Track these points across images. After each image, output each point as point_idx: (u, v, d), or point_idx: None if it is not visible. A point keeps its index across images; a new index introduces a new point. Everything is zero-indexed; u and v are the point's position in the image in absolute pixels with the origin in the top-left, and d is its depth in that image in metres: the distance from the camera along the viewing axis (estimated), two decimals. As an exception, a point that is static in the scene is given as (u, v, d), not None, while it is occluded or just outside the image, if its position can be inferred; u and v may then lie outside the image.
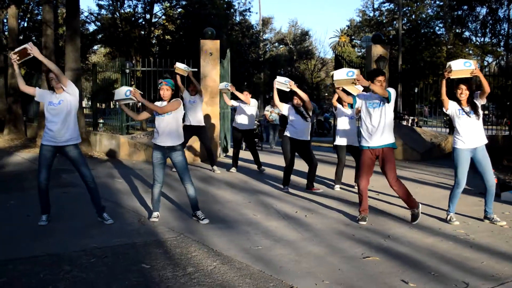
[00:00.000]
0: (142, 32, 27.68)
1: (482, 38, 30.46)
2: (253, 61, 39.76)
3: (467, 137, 5.86)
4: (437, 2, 34.71)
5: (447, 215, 6.07)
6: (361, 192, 6.08)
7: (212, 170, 9.79)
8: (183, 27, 27.22)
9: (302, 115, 7.95)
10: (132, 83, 20.04)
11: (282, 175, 8.29)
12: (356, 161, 8.36)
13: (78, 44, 12.72)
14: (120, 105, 6.05)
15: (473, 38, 31.63)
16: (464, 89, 5.83)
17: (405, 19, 34.50)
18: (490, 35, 26.27)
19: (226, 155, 12.81)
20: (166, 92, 5.86)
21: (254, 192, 7.91)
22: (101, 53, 40.90)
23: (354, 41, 54.70)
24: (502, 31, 25.49)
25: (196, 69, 9.46)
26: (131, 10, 28.03)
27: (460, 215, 6.24)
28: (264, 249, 4.91)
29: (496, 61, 33.10)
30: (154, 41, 29.83)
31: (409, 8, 34.66)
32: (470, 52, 35.23)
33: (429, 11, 35.51)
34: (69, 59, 12.43)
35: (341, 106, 8.22)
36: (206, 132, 9.91)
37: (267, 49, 50.84)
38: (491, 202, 6.05)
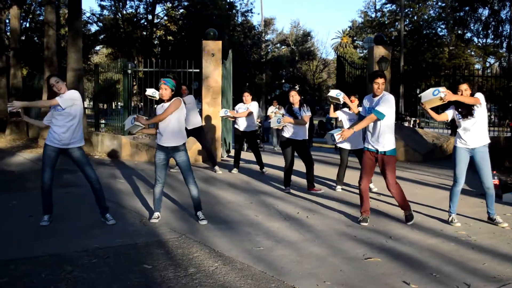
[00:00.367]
0: (144, 33, 27.72)
1: (484, 40, 30.45)
2: (255, 62, 39.79)
3: (465, 137, 5.89)
4: (439, 3, 34.75)
5: (449, 216, 6.07)
6: (362, 193, 6.09)
7: (214, 171, 9.80)
8: (185, 28, 27.25)
9: (294, 116, 7.95)
10: (134, 84, 20.07)
11: (282, 176, 8.30)
12: (361, 163, 8.37)
13: (80, 45, 12.74)
14: (142, 132, 6.19)
15: (475, 40, 31.62)
16: (464, 90, 5.81)
17: (407, 20, 34.55)
18: (492, 37, 26.24)
19: (229, 155, 12.82)
20: (165, 92, 5.84)
21: (256, 193, 7.91)
22: (103, 54, 40.95)
23: (356, 42, 54.78)
24: (505, 32, 25.46)
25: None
26: (133, 11, 28.10)
27: (462, 216, 6.24)
28: (266, 250, 4.91)
29: (498, 63, 33.08)
30: (156, 42, 29.87)
31: (411, 9, 34.70)
32: (472, 53, 35.25)
33: (431, 12, 35.57)
34: (71, 60, 12.45)
35: (347, 110, 8.26)
36: (204, 134, 9.91)
37: (269, 50, 50.90)
38: (492, 204, 6.06)
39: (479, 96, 5.77)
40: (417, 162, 11.83)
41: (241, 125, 9.92)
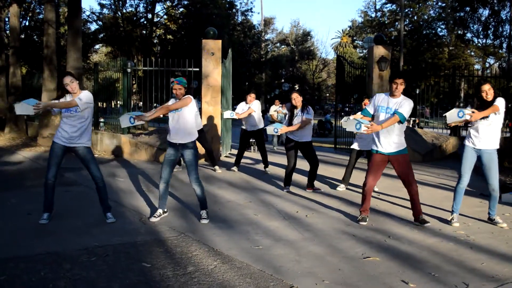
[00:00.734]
0: (144, 32, 27.70)
1: (484, 40, 30.46)
2: (255, 61, 39.80)
3: (476, 138, 5.90)
4: (439, 4, 34.75)
5: (451, 214, 6.08)
6: (366, 193, 6.06)
7: (214, 170, 9.80)
8: (185, 27, 27.24)
9: (290, 118, 7.94)
10: (134, 83, 20.06)
11: (282, 175, 8.30)
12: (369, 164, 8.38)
13: (80, 43, 12.74)
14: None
15: (475, 40, 31.64)
16: (487, 90, 5.77)
17: (407, 20, 34.55)
18: (492, 37, 26.27)
19: (230, 153, 12.82)
20: (178, 91, 5.84)
21: (255, 192, 7.91)
22: (103, 53, 40.97)
23: (356, 42, 54.82)
24: (505, 33, 25.49)
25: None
26: (133, 10, 28.08)
27: (461, 216, 6.24)
28: (265, 249, 4.91)
29: (498, 63, 33.09)
30: (156, 41, 29.84)
31: (411, 9, 34.70)
32: (472, 54, 35.26)
33: (431, 13, 35.56)
34: (71, 58, 12.46)
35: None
36: (205, 135, 9.90)
37: (269, 49, 50.92)
38: (495, 206, 6.08)
39: (500, 103, 5.73)
40: (417, 162, 11.83)
41: (246, 124, 9.95)
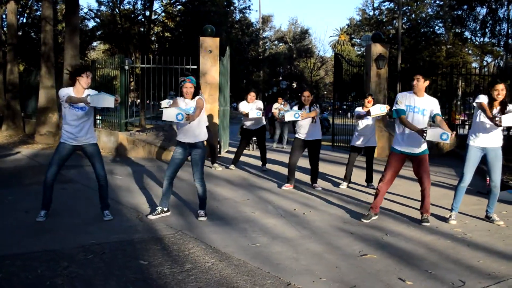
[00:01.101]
0: (142, 29, 27.63)
1: (482, 38, 30.46)
2: (253, 59, 39.74)
3: (481, 136, 5.88)
4: (437, 2, 34.75)
5: (450, 212, 6.10)
6: (381, 192, 6.08)
7: (213, 168, 9.79)
8: (183, 24, 27.17)
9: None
10: (131, 80, 20.01)
11: (282, 173, 8.31)
12: (368, 162, 8.42)
13: (77, 41, 12.72)
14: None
15: (473, 38, 31.64)
16: (501, 90, 5.76)
17: (405, 18, 34.53)
18: (490, 35, 26.29)
19: (228, 151, 12.82)
20: (189, 90, 5.80)
21: (253, 189, 7.91)
22: (100, 50, 40.85)
23: (354, 40, 54.79)
24: (502, 31, 25.50)
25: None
26: (131, 7, 27.99)
27: (458, 214, 6.25)
28: (262, 246, 4.91)
29: (496, 61, 33.12)
30: (154, 38, 29.77)
31: (409, 7, 34.70)
32: (470, 52, 35.27)
33: (429, 11, 35.56)
34: (68, 56, 12.44)
35: (361, 109, 8.32)
36: (210, 131, 9.88)
37: (267, 47, 50.86)
38: (494, 204, 6.09)
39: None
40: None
41: (249, 123, 9.89)
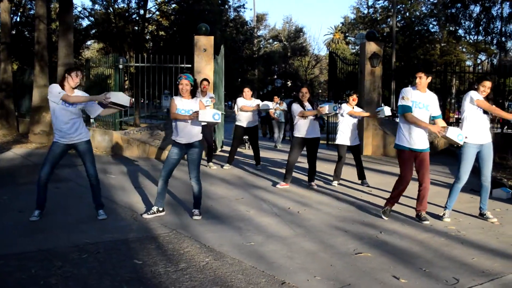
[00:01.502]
0: (136, 28, 27.56)
1: (476, 36, 30.55)
2: (247, 58, 39.73)
3: (477, 134, 5.92)
4: (431, 0, 34.85)
5: (444, 210, 6.12)
6: (403, 188, 6.14)
7: (208, 166, 9.78)
8: (177, 23, 27.12)
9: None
10: (126, 79, 19.97)
11: (277, 171, 8.31)
12: (356, 160, 8.45)
13: (71, 39, 12.67)
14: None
15: (467, 36, 31.73)
16: (488, 87, 5.84)
17: (399, 17, 34.61)
18: (484, 33, 26.36)
19: (223, 150, 12.82)
20: (186, 87, 5.79)
21: (248, 188, 7.91)
22: (95, 49, 40.73)
23: (348, 38, 54.84)
24: (495, 29, 25.58)
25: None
26: (125, 6, 27.91)
27: (452, 211, 6.28)
28: (257, 245, 4.92)
29: (489, 59, 33.24)
30: (148, 37, 29.70)
31: (403, 6, 34.77)
32: (464, 50, 35.39)
33: (423, 9, 35.67)
34: (62, 54, 12.39)
35: (346, 105, 8.34)
36: (209, 128, 9.87)
37: (261, 46, 50.87)
38: (486, 199, 6.13)
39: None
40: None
41: (244, 121, 9.84)
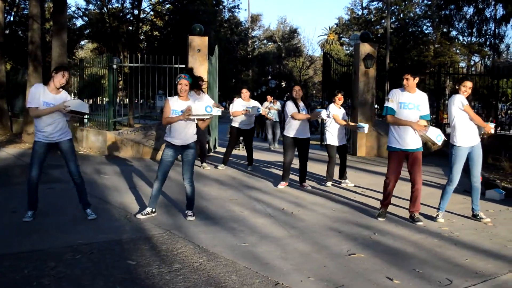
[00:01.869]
0: (130, 28, 27.50)
1: (469, 38, 30.70)
2: (242, 58, 39.75)
3: (468, 136, 5.95)
4: (425, 1, 34.96)
5: (437, 212, 6.14)
6: (389, 190, 6.20)
7: (202, 167, 9.77)
8: (171, 23, 27.09)
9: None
10: (120, 79, 19.92)
11: (271, 172, 8.31)
12: (341, 159, 8.47)
13: (65, 39, 12.63)
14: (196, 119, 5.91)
15: (460, 38, 31.88)
16: (469, 87, 5.90)
17: (393, 18, 34.68)
18: (477, 35, 26.48)
19: (216, 151, 12.81)
20: (184, 87, 5.78)
21: (242, 189, 7.91)
22: (88, 49, 40.58)
23: (343, 39, 54.91)
24: (489, 31, 25.70)
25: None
26: (119, 6, 27.84)
27: (445, 213, 6.30)
28: (251, 246, 4.92)
29: (483, 61, 33.36)
30: (142, 37, 29.64)
31: (397, 7, 34.84)
32: (457, 51, 35.50)
33: (417, 10, 35.75)
34: (56, 54, 12.34)
35: (333, 105, 8.35)
36: (203, 132, 9.84)
37: (256, 46, 50.88)
38: (477, 199, 6.15)
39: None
40: (402, 159, 11.90)
41: (240, 122, 9.81)
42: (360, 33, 14.90)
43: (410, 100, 5.93)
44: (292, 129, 7.96)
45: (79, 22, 30.71)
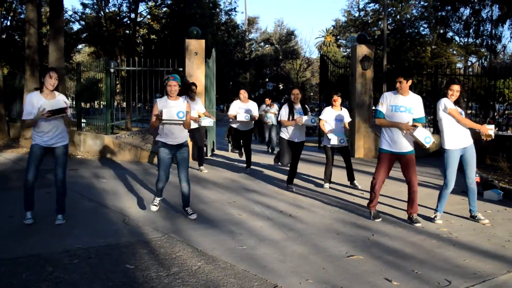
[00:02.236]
0: (127, 31, 27.50)
1: (466, 39, 30.74)
2: (239, 61, 39.70)
3: (458, 138, 5.94)
4: (422, 3, 35.03)
5: (434, 213, 6.14)
6: (376, 191, 6.16)
7: (200, 170, 9.76)
8: (168, 27, 27.07)
9: (293, 114, 7.94)
10: (117, 83, 19.90)
11: (268, 175, 8.30)
12: (345, 161, 8.46)
13: (62, 43, 12.63)
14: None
15: (457, 39, 31.92)
16: (456, 91, 5.88)
17: (390, 19, 34.75)
18: (474, 36, 26.51)
19: (214, 153, 12.80)
20: (174, 88, 5.83)
21: (240, 191, 7.90)
22: (86, 53, 40.58)
23: (340, 41, 55.05)
24: (485, 32, 25.73)
25: None
26: (116, 9, 27.82)
27: (444, 214, 6.29)
28: (249, 249, 4.91)
29: (480, 62, 33.44)
30: (139, 41, 29.64)
31: (394, 9, 34.91)
32: (454, 53, 35.58)
33: (414, 12, 35.81)
34: (53, 59, 12.34)
35: (330, 108, 8.34)
36: (199, 132, 9.84)
37: (253, 49, 50.88)
38: (474, 200, 6.14)
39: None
40: (400, 160, 11.90)
41: (240, 125, 9.74)
42: (357, 35, 14.90)
43: (403, 103, 5.94)
44: (288, 132, 7.97)
45: (76, 26, 30.77)
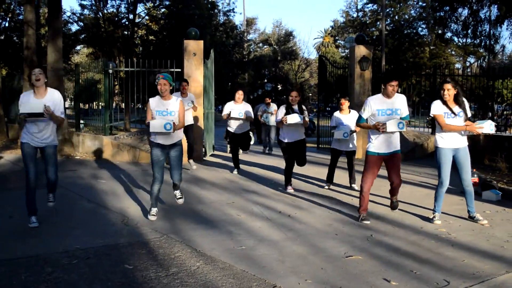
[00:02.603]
0: (126, 32, 27.48)
1: (464, 39, 30.79)
2: (237, 62, 39.70)
3: (451, 138, 5.93)
4: (420, 3, 35.06)
5: (433, 214, 6.14)
6: (365, 194, 6.17)
7: (189, 163, 9.80)
8: (167, 27, 27.06)
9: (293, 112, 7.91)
10: (115, 84, 19.90)
11: (267, 175, 8.30)
12: (348, 164, 8.46)
13: (60, 44, 12.62)
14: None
15: (455, 39, 31.97)
16: (447, 89, 5.87)
17: (389, 20, 34.76)
18: (472, 36, 26.56)
19: (212, 154, 12.80)
20: (164, 87, 5.84)
21: (239, 192, 7.90)
22: (84, 53, 40.55)
23: (338, 42, 55.08)
24: (484, 32, 25.78)
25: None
26: (114, 10, 27.80)
27: (442, 214, 6.29)
28: (248, 249, 4.91)
29: (478, 62, 33.48)
30: (138, 41, 29.63)
31: (392, 9, 34.92)
32: (453, 53, 35.61)
33: (412, 12, 35.83)
34: (51, 60, 12.33)
35: (339, 112, 8.36)
36: (192, 130, 9.94)
37: (251, 50, 50.83)
38: (472, 202, 6.14)
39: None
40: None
41: (234, 127, 9.66)
42: (356, 36, 14.92)
43: (388, 106, 5.97)
44: (285, 134, 7.93)
45: (74, 27, 30.68)
